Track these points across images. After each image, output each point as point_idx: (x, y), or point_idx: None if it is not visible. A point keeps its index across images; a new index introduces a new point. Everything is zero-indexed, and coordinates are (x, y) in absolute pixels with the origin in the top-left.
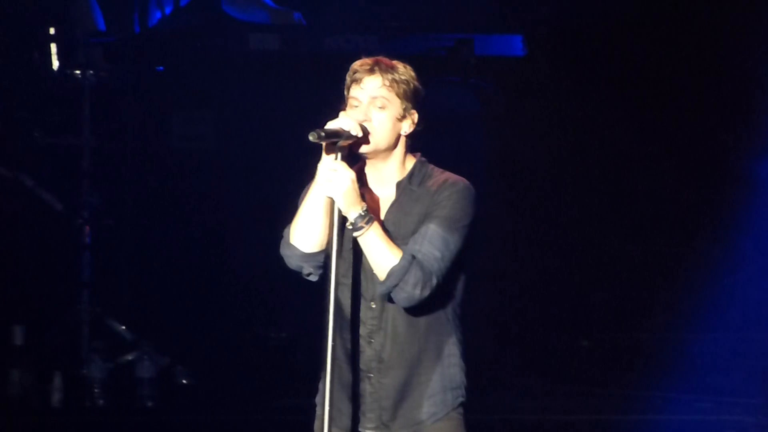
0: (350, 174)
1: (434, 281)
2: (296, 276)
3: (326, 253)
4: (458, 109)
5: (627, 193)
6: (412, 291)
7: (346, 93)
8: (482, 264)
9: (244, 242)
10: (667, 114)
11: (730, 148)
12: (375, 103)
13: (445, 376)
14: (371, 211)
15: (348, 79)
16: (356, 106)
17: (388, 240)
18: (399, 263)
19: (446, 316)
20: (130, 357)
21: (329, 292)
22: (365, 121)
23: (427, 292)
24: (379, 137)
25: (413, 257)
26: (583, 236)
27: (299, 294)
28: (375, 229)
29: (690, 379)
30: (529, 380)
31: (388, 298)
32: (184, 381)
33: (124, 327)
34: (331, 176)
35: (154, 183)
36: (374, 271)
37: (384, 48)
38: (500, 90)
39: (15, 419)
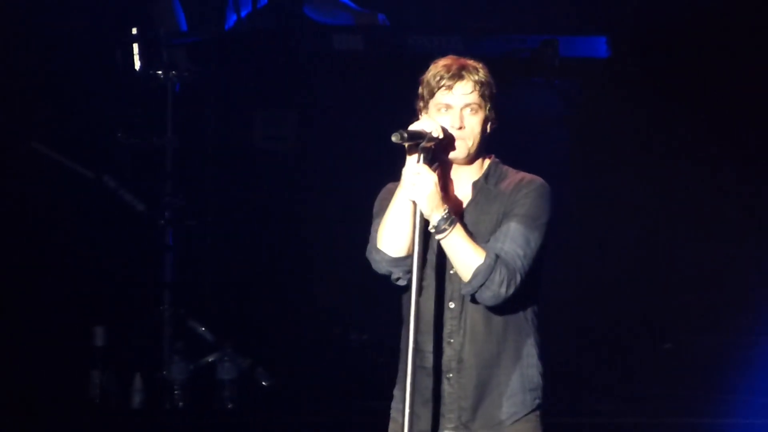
0: (433, 177)
1: (518, 278)
2: (377, 278)
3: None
4: (542, 110)
5: (712, 195)
6: (498, 289)
7: (425, 93)
8: (565, 264)
9: (327, 243)
10: (753, 114)
11: None
12: (467, 109)
13: (524, 377)
14: (450, 210)
15: (432, 81)
16: (446, 111)
17: (471, 240)
18: (484, 263)
19: (525, 316)
20: (211, 359)
21: (411, 296)
22: (461, 128)
23: (512, 290)
24: (473, 141)
25: (497, 256)
26: (667, 237)
27: (381, 296)
28: (458, 230)
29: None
30: (610, 382)
31: (471, 298)
32: (265, 383)
33: (205, 328)
34: (415, 180)
35: (236, 183)
36: (459, 272)
37: (468, 49)
38: (584, 92)
39: (95, 420)
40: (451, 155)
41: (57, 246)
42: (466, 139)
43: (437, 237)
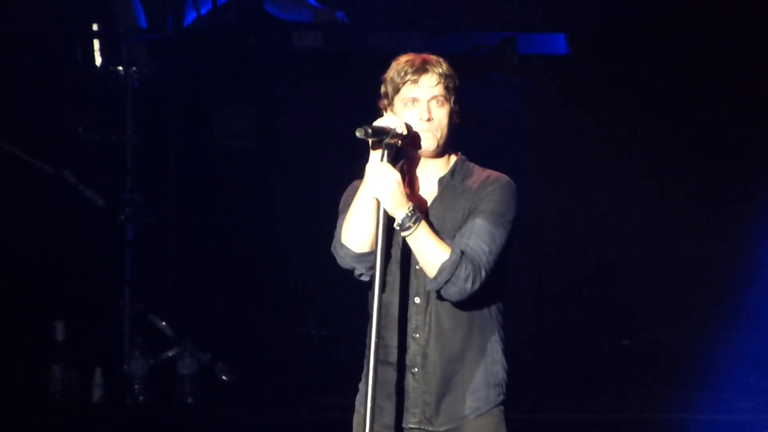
0: (395, 175)
1: (484, 274)
2: (338, 273)
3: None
4: (501, 107)
5: (672, 192)
6: (464, 285)
7: (390, 89)
8: (525, 262)
9: (287, 239)
10: (711, 112)
11: None
12: (434, 102)
13: (488, 373)
14: (415, 207)
15: (396, 79)
16: (413, 104)
17: (437, 237)
18: (449, 258)
19: (489, 312)
20: (171, 354)
21: (375, 292)
22: (429, 120)
23: (477, 286)
24: (441, 134)
25: (462, 252)
26: (625, 236)
27: (341, 291)
28: (423, 227)
29: (729, 379)
30: (569, 379)
31: (437, 294)
32: (225, 378)
33: (165, 324)
34: (377, 177)
35: (196, 180)
36: (424, 268)
37: (428, 46)
38: (543, 89)
39: (56, 415)
40: (422, 148)
41: (17, 241)
42: (434, 131)
43: (402, 234)
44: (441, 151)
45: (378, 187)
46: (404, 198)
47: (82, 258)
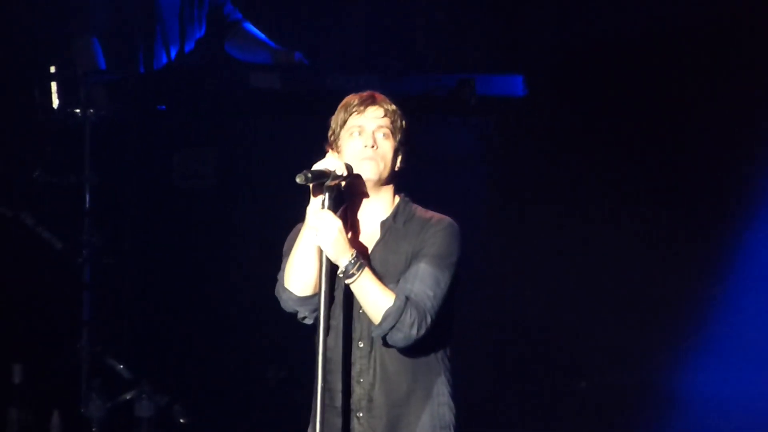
0: (337, 222)
1: (429, 319)
2: (295, 315)
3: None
4: (460, 149)
5: (628, 234)
6: (409, 331)
7: (337, 125)
8: (478, 303)
9: (245, 281)
10: (670, 149)
11: (742, 186)
12: (380, 131)
13: (434, 416)
14: (358, 254)
15: (343, 112)
16: (358, 133)
17: (380, 283)
18: (394, 305)
19: (436, 356)
20: (128, 396)
21: (319, 336)
22: (373, 146)
23: (423, 331)
24: (384, 165)
25: (407, 298)
26: (582, 277)
27: (298, 333)
28: (366, 274)
29: (690, 420)
30: (525, 421)
31: (383, 340)
32: (183, 420)
33: (122, 366)
34: (318, 225)
35: (155, 221)
36: (369, 315)
37: (385, 88)
38: (501, 130)
39: None
40: (363, 175)
41: None
42: (378, 160)
43: (346, 281)
44: (383, 188)
45: (320, 234)
46: (347, 245)
47: (39, 300)
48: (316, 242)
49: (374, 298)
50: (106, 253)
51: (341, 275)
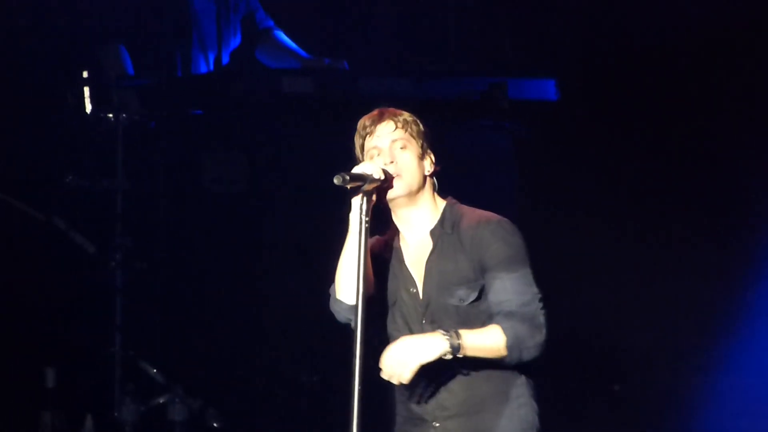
0: (402, 344)
1: (542, 319)
2: (329, 319)
3: (375, 300)
4: (492, 153)
5: (661, 238)
6: (535, 343)
7: (358, 149)
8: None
9: (277, 285)
10: (702, 154)
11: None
12: (396, 145)
13: (514, 418)
14: (412, 263)
15: (359, 136)
16: (376, 155)
17: (480, 332)
18: (508, 338)
19: None
20: (161, 400)
21: (357, 339)
22: (391, 162)
23: (545, 332)
24: (409, 176)
25: (512, 317)
26: (616, 280)
27: (332, 337)
28: (465, 337)
29: (722, 422)
30: (558, 424)
31: None
32: (216, 424)
33: (156, 370)
34: (404, 358)
35: (186, 225)
36: (493, 357)
37: (417, 91)
38: (534, 134)
39: None
40: (390, 194)
41: (7, 288)
42: (402, 173)
43: (458, 355)
44: (420, 195)
45: (408, 364)
46: (431, 338)
47: (72, 304)
48: (416, 366)
49: (488, 346)
50: (139, 257)
51: (450, 357)
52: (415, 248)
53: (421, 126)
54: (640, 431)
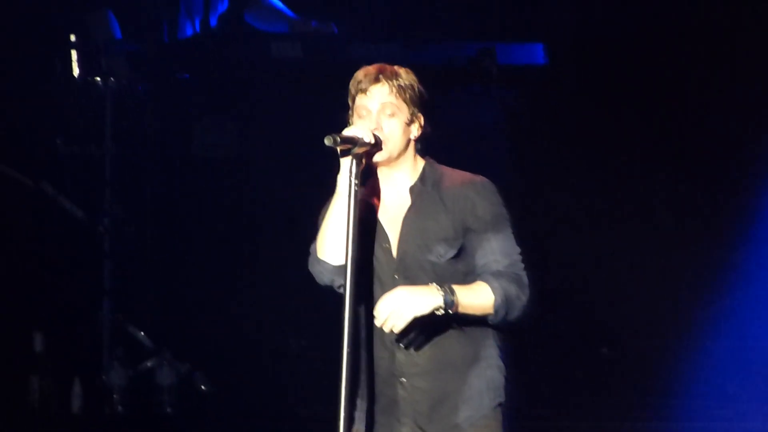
0: (402, 292)
1: (526, 279)
2: (317, 284)
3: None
4: (480, 117)
5: (650, 201)
6: (521, 305)
7: (350, 102)
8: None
9: (266, 250)
10: (692, 120)
11: (756, 157)
12: (384, 111)
13: (481, 378)
14: (387, 220)
15: (352, 88)
16: (364, 116)
17: (471, 288)
18: (497, 297)
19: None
20: (150, 364)
21: (346, 303)
22: (376, 129)
23: (528, 293)
24: (392, 144)
25: (500, 277)
26: (604, 245)
27: (319, 302)
28: (459, 292)
29: (710, 387)
30: (547, 388)
31: None
32: (204, 388)
33: (144, 334)
34: (400, 307)
35: (175, 191)
36: (480, 315)
37: (406, 56)
38: (522, 99)
39: (35, 426)
40: (374, 159)
41: None
42: (386, 142)
43: (450, 311)
44: (402, 158)
45: (403, 314)
46: (427, 291)
47: (60, 269)
48: (412, 315)
49: (478, 304)
50: (127, 222)
51: (443, 312)
52: (392, 205)
53: (416, 90)
54: (628, 394)
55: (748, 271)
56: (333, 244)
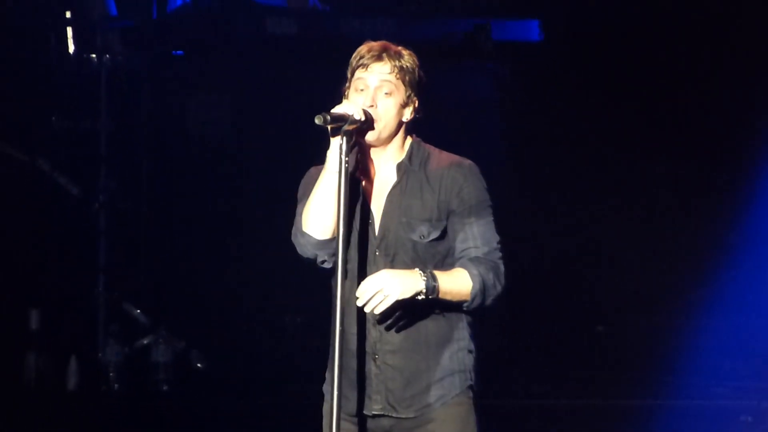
0: (388, 274)
1: (502, 266)
2: (310, 261)
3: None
4: (474, 93)
5: (643, 179)
6: (496, 294)
7: (349, 74)
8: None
9: (260, 226)
10: (686, 98)
11: (749, 135)
12: (382, 89)
13: (453, 360)
14: (371, 195)
15: (353, 61)
16: (362, 90)
17: (451, 274)
18: (475, 284)
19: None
20: (145, 341)
21: (337, 279)
22: (371, 106)
23: (503, 281)
24: (384, 123)
25: (479, 263)
26: (599, 222)
27: (315, 278)
28: (440, 278)
29: (706, 364)
30: (543, 365)
31: None
32: (199, 365)
33: (139, 311)
34: (384, 290)
35: (170, 167)
36: (457, 300)
37: (401, 32)
38: (516, 75)
39: (31, 403)
40: (365, 137)
41: None
42: (378, 120)
43: (431, 297)
44: (387, 140)
45: (386, 296)
46: (409, 274)
47: (56, 246)
48: (393, 296)
49: (456, 290)
50: (122, 198)
51: (422, 298)
52: (377, 181)
53: (416, 74)
54: (624, 372)
55: (745, 249)
56: (318, 218)
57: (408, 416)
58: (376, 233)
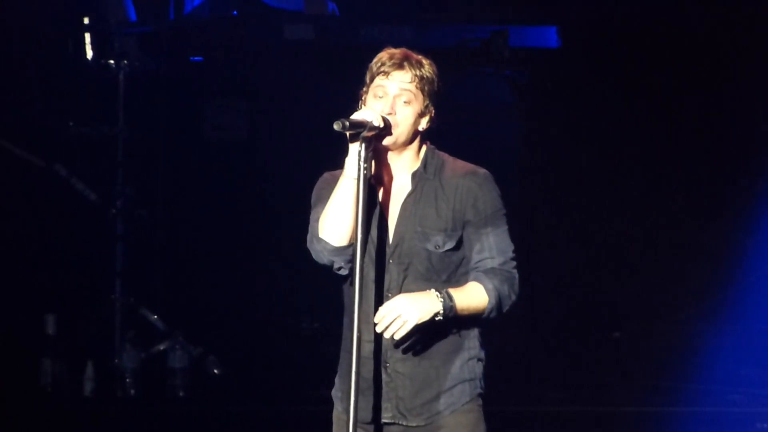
0: (403, 300)
1: (517, 275)
2: (326, 267)
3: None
4: (492, 100)
5: (659, 186)
6: (510, 305)
7: (368, 79)
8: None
9: (278, 232)
10: (702, 105)
11: (762, 141)
12: (401, 98)
13: (464, 369)
14: (386, 201)
15: (374, 67)
16: (381, 96)
17: (466, 291)
18: (491, 298)
19: None
20: (162, 347)
21: (355, 286)
22: (390, 113)
23: (518, 290)
24: (401, 131)
25: (493, 275)
26: (616, 228)
27: (331, 285)
28: (456, 297)
29: (722, 371)
30: (560, 371)
31: (407, 285)
32: (216, 371)
33: (156, 317)
34: (402, 315)
35: (187, 173)
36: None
37: (419, 39)
38: (534, 81)
39: (47, 408)
40: (382, 142)
41: (8, 235)
42: (396, 128)
43: (450, 315)
44: (403, 147)
45: (405, 322)
46: (425, 298)
47: (73, 251)
48: (414, 323)
49: (474, 306)
50: (139, 204)
51: (441, 318)
52: (392, 189)
53: (435, 84)
54: (641, 378)
55: (763, 255)
56: (335, 224)
57: (418, 424)
58: (390, 242)
